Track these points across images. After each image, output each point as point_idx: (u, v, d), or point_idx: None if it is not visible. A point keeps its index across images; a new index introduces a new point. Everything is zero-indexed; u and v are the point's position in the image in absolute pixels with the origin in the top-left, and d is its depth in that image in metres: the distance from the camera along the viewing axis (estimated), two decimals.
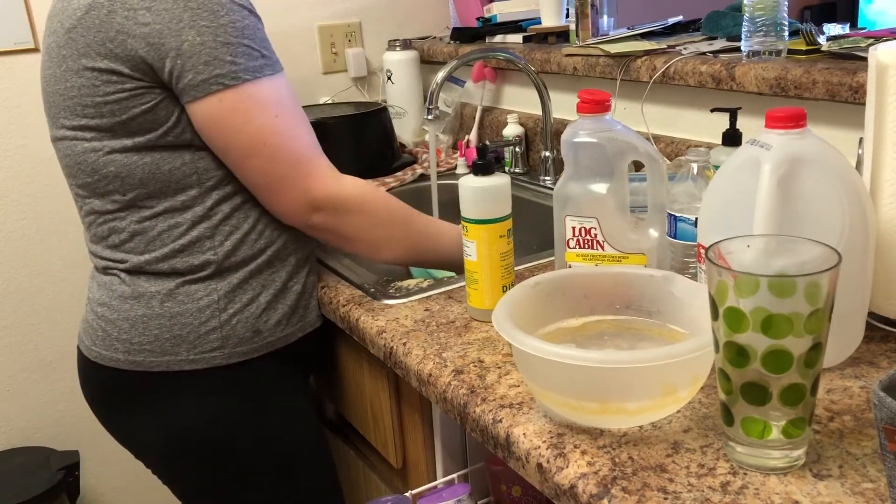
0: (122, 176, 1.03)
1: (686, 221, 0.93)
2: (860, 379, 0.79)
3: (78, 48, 1.00)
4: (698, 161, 0.96)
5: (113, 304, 1.09)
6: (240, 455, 1.14)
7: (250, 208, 1.10)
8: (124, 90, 0.99)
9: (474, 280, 1.00)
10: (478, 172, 0.98)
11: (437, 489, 1.02)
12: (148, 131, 1.02)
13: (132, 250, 1.07)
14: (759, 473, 0.66)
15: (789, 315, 0.60)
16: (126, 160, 1.03)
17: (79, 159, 1.05)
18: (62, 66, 1.02)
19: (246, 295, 1.10)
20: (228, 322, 1.09)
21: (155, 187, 1.04)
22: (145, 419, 1.12)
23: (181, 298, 1.08)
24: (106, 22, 0.97)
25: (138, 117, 1.01)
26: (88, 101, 1.01)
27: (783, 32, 1.23)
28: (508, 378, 0.86)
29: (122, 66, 0.98)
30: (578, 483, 0.68)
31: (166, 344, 1.08)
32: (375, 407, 1.20)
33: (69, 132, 1.04)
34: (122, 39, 0.97)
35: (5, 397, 1.89)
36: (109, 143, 1.02)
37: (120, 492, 2.08)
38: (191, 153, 1.04)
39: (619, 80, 1.45)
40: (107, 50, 0.98)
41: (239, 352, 1.10)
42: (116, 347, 1.09)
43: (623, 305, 0.86)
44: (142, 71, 0.99)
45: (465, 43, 1.94)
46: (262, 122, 1.01)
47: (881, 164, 0.84)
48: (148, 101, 1.00)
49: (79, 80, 1.01)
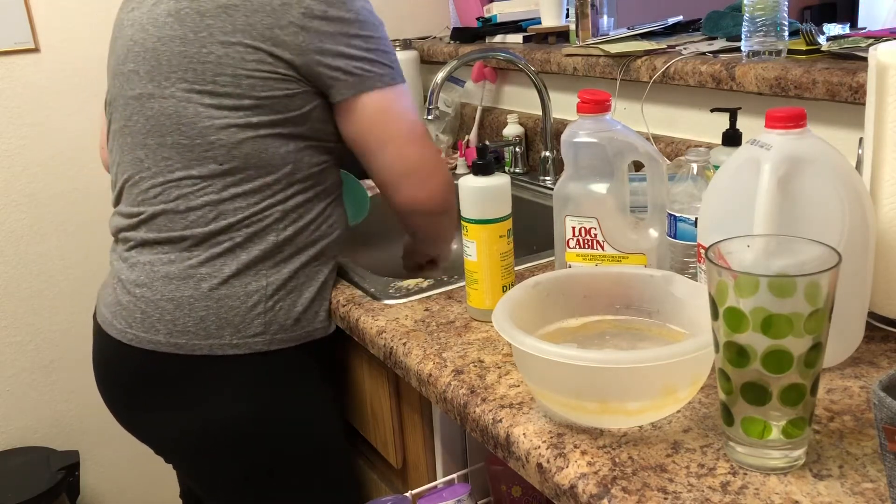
0: (228, 146, 1.07)
1: (686, 221, 0.93)
2: (860, 379, 0.79)
3: (236, 25, 1.05)
4: (698, 161, 0.96)
5: (155, 285, 1.09)
6: (274, 444, 1.15)
7: (318, 202, 1.15)
8: (276, 73, 1.05)
9: (474, 280, 1.00)
10: (478, 172, 0.98)
11: (437, 489, 1.02)
12: (275, 113, 1.07)
13: (199, 220, 1.09)
14: (759, 473, 0.66)
15: (789, 315, 0.60)
16: (240, 134, 1.06)
17: (184, 121, 1.07)
18: (203, 33, 1.06)
19: (291, 283, 1.12)
20: (272, 308, 1.11)
21: (252, 165, 1.08)
22: (180, 405, 1.12)
23: (232, 281, 1.09)
24: (279, 10, 1.04)
25: (275, 99, 1.06)
26: (229, 70, 1.05)
27: (783, 32, 1.23)
28: (508, 378, 0.86)
29: (284, 52, 1.05)
30: (578, 483, 0.68)
31: (211, 327, 1.08)
32: (375, 407, 1.20)
33: (183, 93, 1.07)
34: (294, 30, 1.04)
35: (5, 397, 1.89)
36: (229, 114, 1.06)
37: (120, 492, 2.08)
38: (297, 144, 1.10)
39: (619, 80, 1.45)
40: (273, 35, 1.04)
41: (279, 339, 1.12)
42: (157, 329, 1.09)
43: (623, 305, 0.86)
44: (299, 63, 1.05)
45: (465, 43, 1.94)
46: (413, 116, 1.15)
47: (881, 164, 0.84)
48: (292, 89, 1.07)
49: (224, 49, 1.05)
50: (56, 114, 1.82)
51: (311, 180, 1.13)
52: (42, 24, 1.78)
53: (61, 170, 1.85)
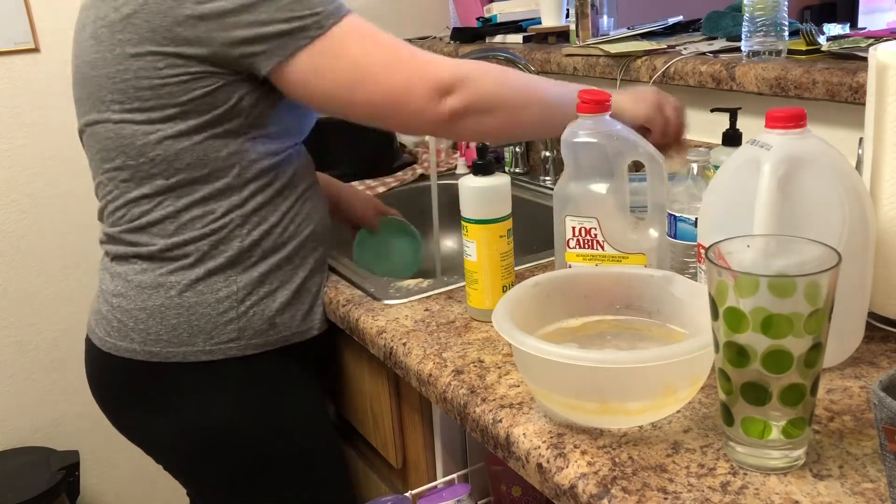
0: (169, 160, 1.05)
1: (686, 221, 0.93)
2: (860, 379, 0.79)
3: (142, 34, 1.02)
4: (698, 161, 0.96)
5: (129, 295, 1.10)
6: (255, 448, 1.14)
7: (281, 201, 1.12)
8: (188, 73, 1.02)
9: (474, 280, 1.00)
10: (478, 172, 0.98)
11: (437, 489, 1.02)
12: (202, 114, 1.04)
13: (160, 232, 1.08)
14: (759, 473, 0.66)
15: (789, 315, 0.60)
16: (176, 145, 1.05)
17: (125, 142, 1.06)
18: (115, 51, 1.03)
19: (264, 288, 1.11)
20: (245, 314, 1.10)
21: (200, 173, 1.06)
22: (160, 412, 1.12)
23: (200, 289, 1.08)
24: (174, 8, 1.00)
25: (197, 100, 1.03)
26: (146, 83, 1.03)
27: (783, 32, 1.23)
28: (508, 378, 0.86)
29: (189, 49, 1.01)
30: (578, 483, 0.68)
31: (183, 334, 1.08)
32: (375, 407, 1.20)
33: (118, 115, 1.06)
34: (192, 23, 1.00)
35: (5, 397, 1.89)
36: (161, 127, 1.04)
37: (120, 492, 2.08)
38: (238, 143, 1.07)
39: (619, 80, 1.45)
40: (174, 34, 1.01)
41: (254, 344, 1.11)
42: (132, 338, 1.09)
43: (623, 305, 0.86)
44: (208, 53, 1.01)
45: (465, 43, 1.94)
46: (362, 47, 1.02)
47: (881, 164, 0.84)
48: (210, 85, 1.03)
49: (136, 63, 1.02)
50: (56, 114, 1.82)
51: (266, 178, 1.10)
52: (42, 24, 1.78)
53: (61, 170, 1.85)
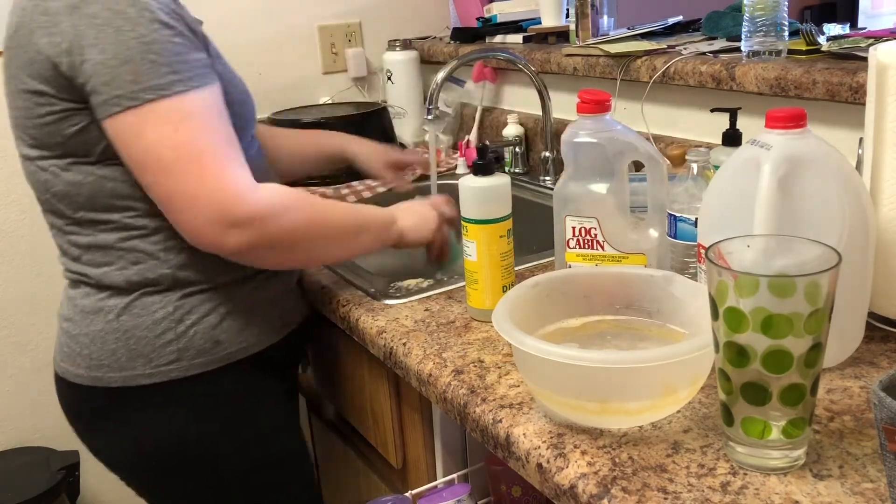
0: (70, 195, 1.03)
1: (686, 221, 0.93)
2: (860, 379, 0.79)
3: (11, 71, 1.00)
4: (698, 161, 0.96)
5: (76, 319, 1.08)
6: (210, 466, 1.12)
7: None
8: (54, 112, 0.98)
9: (474, 280, 1.00)
10: (478, 172, 0.98)
11: (437, 489, 1.02)
12: (84, 153, 1.00)
13: (90, 263, 1.06)
14: (759, 473, 0.66)
15: (789, 315, 0.60)
16: (72, 178, 1.02)
17: (32, 178, 1.05)
18: (12, 87, 1.01)
19: (203, 306, 1.07)
20: (185, 334, 1.06)
21: (102, 204, 1.03)
22: (112, 434, 1.11)
23: (136, 311, 1.05)
24: (31, 42, 0.96)
25: (72, 138, 0.99)
26: (29, 122, 1.00)
27: (783, 32, 1.23)
28: (508, 378, 0.86)
29: (48, 87, 0.96)
30: (578, 483, 0.68)
31: (122, 359, 1.06)
32: (375, 407, 1.20)
33: (24, 149, 1.05)
34: (43, 59, 0.95)
35: (5, 397, 1.89)
36: (54, 163, 1.02)
37: (120, 492, 2.07)
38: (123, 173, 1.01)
39: (619, 80, 1.45)
40: (34, 71, 0.96)
41: (198, 363, 1.07)
42: (79, 363, 1.08)
43: (623, 305, 0.86)
44: (67, 91, 0.96)
45: (465, 43, 1.94)
46: (157, 136, 0.93)
47: (881, 164, 0.84)
48: (78, 123, 0.98)
49: (19, 101, 1.00)
50: None
51: None
52: None
53: None
